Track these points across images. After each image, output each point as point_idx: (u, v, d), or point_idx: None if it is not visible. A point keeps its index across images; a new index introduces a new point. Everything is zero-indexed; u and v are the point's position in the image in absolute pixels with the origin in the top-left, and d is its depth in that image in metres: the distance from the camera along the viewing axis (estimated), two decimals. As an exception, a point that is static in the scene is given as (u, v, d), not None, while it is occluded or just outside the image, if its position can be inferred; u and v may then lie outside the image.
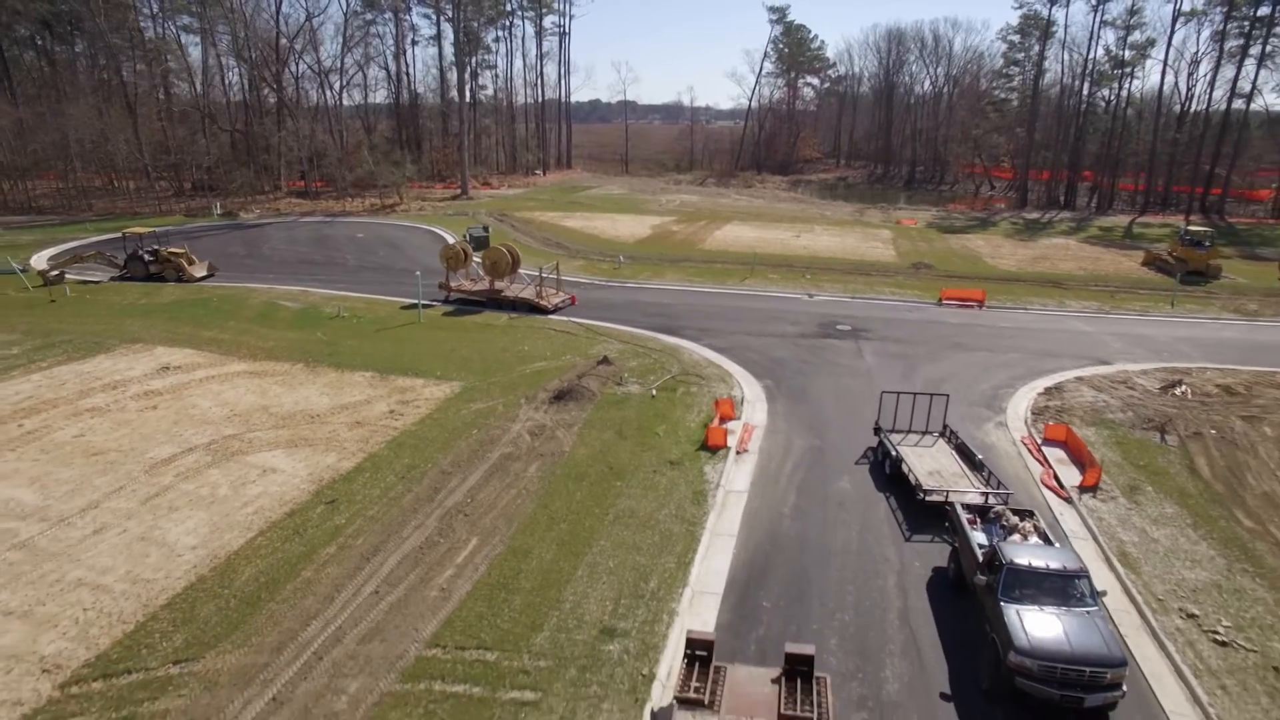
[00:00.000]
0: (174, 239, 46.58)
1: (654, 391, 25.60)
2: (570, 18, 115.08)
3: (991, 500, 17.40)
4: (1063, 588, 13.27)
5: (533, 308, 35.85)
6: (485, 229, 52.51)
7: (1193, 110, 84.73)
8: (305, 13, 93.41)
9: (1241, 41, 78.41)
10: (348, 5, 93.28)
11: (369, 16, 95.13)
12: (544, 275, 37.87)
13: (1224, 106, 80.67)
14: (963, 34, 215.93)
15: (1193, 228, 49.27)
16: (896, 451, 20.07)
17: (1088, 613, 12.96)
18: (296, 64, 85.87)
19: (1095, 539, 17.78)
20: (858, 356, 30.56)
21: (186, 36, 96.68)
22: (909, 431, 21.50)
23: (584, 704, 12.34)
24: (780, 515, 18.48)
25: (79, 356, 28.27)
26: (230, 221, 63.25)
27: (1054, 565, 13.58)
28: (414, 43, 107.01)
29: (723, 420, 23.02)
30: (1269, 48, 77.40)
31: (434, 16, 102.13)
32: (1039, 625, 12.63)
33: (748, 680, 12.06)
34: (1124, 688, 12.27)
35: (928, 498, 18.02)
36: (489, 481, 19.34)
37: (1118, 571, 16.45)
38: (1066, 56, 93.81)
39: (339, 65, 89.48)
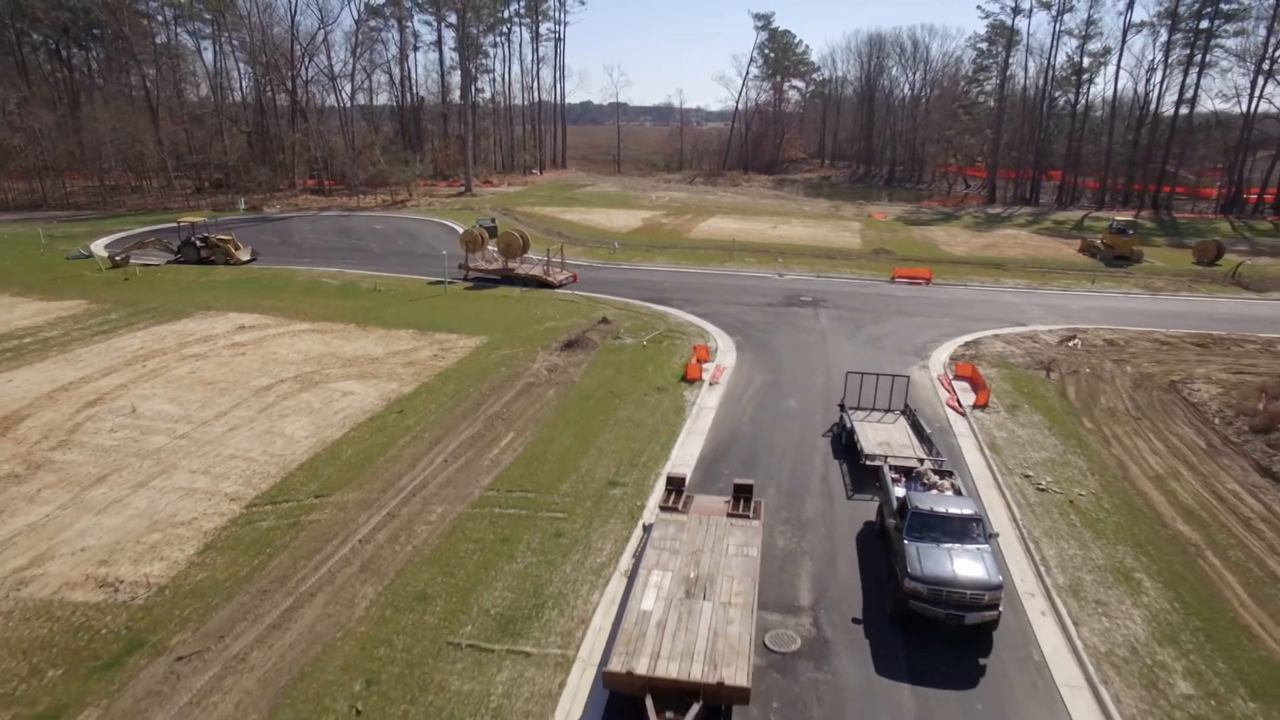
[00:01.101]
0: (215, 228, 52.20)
1: (645, 342, 31.59)
2: (565, 25, 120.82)
3: (928, 464, 18.84)
4: (959, 529, 15.24)
5: (541, 283, 41.78)
6: (493, 220, 58.34)
7: (1152, 114, 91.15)
8: (319, 21, 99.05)
9: (1187, 51, 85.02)
10: (358, 14, 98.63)
11: (373, 24, 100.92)
12: (550, 258, 43.79)
13: (1173, 111, 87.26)
14: (939, 40, 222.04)
15: (1119, 218, 55.55)
16: (851, 424, 22.32)
17: (977, 549, 14.93)
18: (306, 69, 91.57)
19: (975, 435, 23.80)
20: (815, 320, 36.63)
21: (203, 43, 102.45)
22: (873, 409, 23.35)
23: (597, 519, 18.24)
24: (740, 422, 24.45)
25: (167, 320, 34.01)
26: (256, 215, 68.77)
27: (952, 510, 15.57)
28: (415, 48, 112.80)
29: (700, 362, 28.96)
30: (1209, 57, 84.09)
31: (435, 24, 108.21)
32: (932, 557, 14.63)
33: (708, 502, 18.08)
34: (1000, 609, 14.19)
35: (869, 462, 20.07)
36: (518, 399, 25.26)
37: (985, 454, 22.46)
38: (1031, 63, 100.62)
39: (349, 71, 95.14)
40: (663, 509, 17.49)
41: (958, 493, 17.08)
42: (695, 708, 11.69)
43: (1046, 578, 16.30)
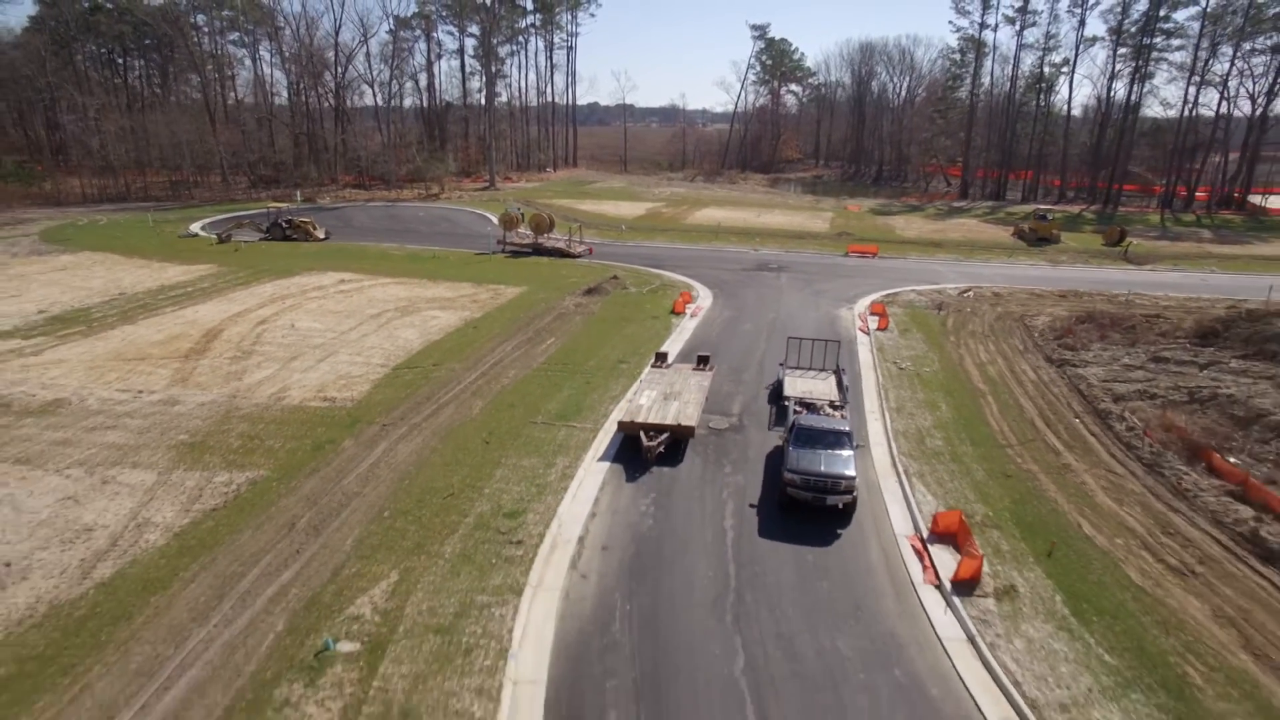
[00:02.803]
0: (295, 213, 63.22)
1: (645, 291, 42.47)
2: (576, 35, 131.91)
3: (834, 405, 23.64)
4: (833, 440, 19.98)
5: (564, 254, 52.70)
6: (519, 208, 69.27)
7: (1112, 118, 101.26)
8: (361, 34, 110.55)
9: (1134, 64, 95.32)
10: (391, 26, 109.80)
11: (403, 34, 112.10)
12: (571, 236, 54.67)
13: (1121, 116, 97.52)
14: (923, 48, 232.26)
15: (1041, 207, 66.11)
16: (783, 377, 27.23)
17: (843, 454, 19.51)
18: (343, 75, 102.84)
19: (871, 344, 34.49)
20: (777, 279, 47.44)
21: (249, 50, 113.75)
22: (809, 368, 28.01)
23: (612, 377, 29.01)
24: (710, 335, 35.26)
25: (283, 276, 44.96)
26: (312, 205, 79.74)
27: (827, 427, 20.36)
28: (439, 56, 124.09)
29: (684, 302, 39.77)
30: (1154, 69, 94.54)
31: (457, 35, 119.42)
32: (805, 458, 19.17)
33: (681, 365, 28.91)
34: (854, 495, 18.76)
35: (785, 402, 24.88)
36: (555, 321, 36.16)
37: (873, 353, 33.14)
38: (999, 71, 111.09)
39: (385, 78, 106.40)
40: (652, 367, 28.42)
41: (844, 419, 22.26)
42: (665, 435, 22.50)
43: (884, 404, 27.05)
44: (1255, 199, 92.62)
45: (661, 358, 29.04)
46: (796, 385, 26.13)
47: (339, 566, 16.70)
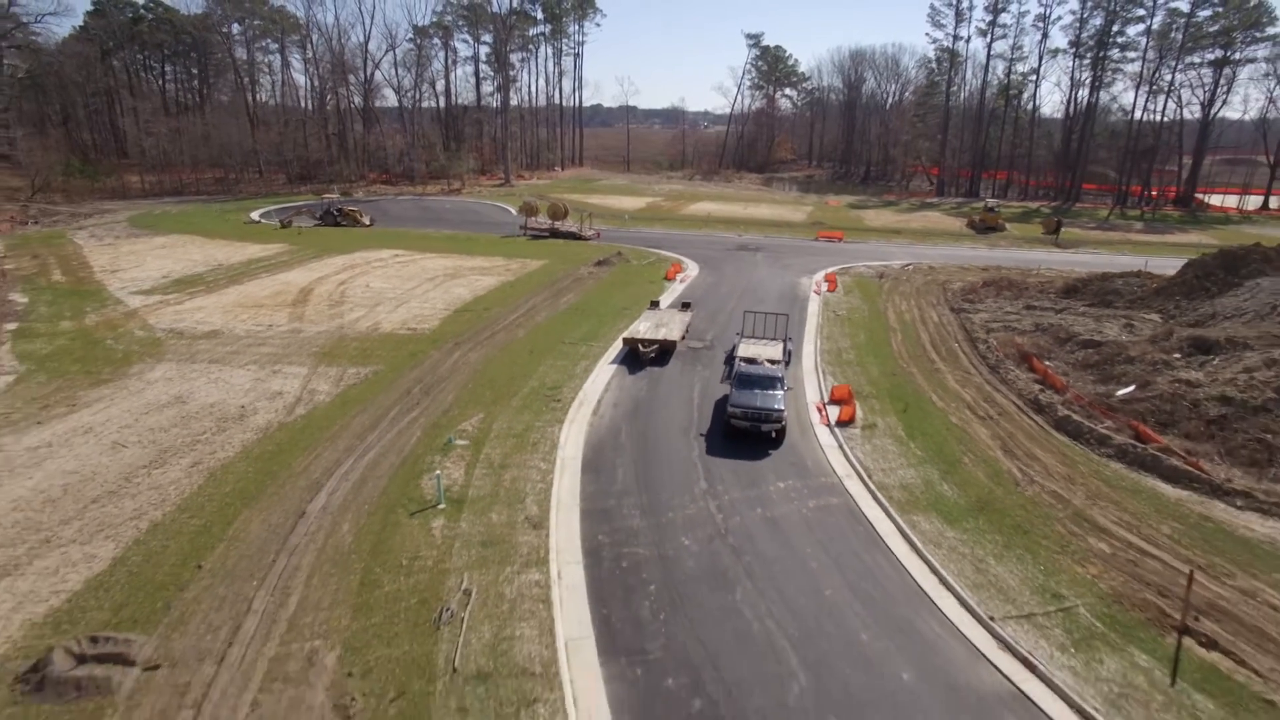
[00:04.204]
0: (344, 203, 72.95)
1: (644, 264, 52.17)
2: (583, 43, 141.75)
3: (773, 362, 28.10)
4: (766, 384, 25.23)
5: (576, 237, 62.47)
6: (535, 201, 78.94)
7: (1076, 123, 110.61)
8: (389, 43, 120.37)
9: (1094, 73, 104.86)
10: (412, 36, 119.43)
11: (421, 43, 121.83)
12: (582, 223, 64.42)
13: (1082, 122, 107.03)
14: (908, 55, 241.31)
15: (989, 200, 75.64)
16: (737, 343, 31.76)
17: (775, 393, 24.91)
18: (370, 81, 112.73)
19: (820, 301, 44.10)
20: (753, 257, 57.15)
21: (281, 57, 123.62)
22: (762, 337, 32.57)
23: (618, 318, 38.62)
24: (695, 294, 44.82)
25: (346, 252, 54.67)
26: (349, 198, 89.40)
27: (762, 373, 25.80)
28: (454, 63, 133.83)
29: (675, 272, 49.47)
30: (1111, 78, 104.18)
31: (471, 43, 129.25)
32: (744, 395, 24.70)
33: (669, 308, 38.72)
34: (783, 424, 24.31)
35: (734, 360, 28.96)
36: (573, 284, 45.89)
37: (820, 306, 42.76)
38: (972, 79, 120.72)
39: (407, 83, 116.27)
40: (648, 310, 38.17)
41: (779, 370, 27.11)
42: (655, 345, 32.19)
43: (818, 335, 36.69)
44: (1205, 198, 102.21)
45: (655, 304, 38.82)
46: (748, 350, 29.94)
47: (446, 409, 26.42)
